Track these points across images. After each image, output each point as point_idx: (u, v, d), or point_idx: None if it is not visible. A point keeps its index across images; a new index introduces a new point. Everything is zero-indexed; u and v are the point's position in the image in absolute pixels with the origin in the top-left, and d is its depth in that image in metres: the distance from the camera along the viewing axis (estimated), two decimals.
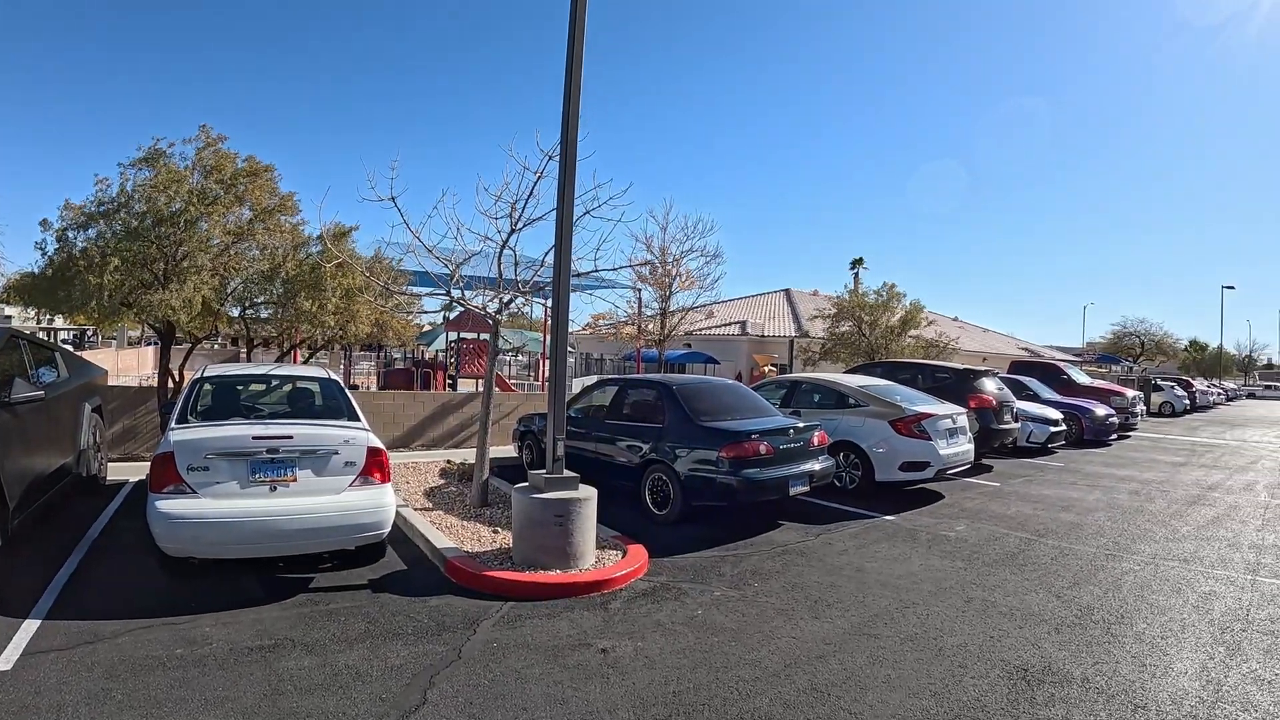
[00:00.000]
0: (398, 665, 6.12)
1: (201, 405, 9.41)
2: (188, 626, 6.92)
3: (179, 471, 7.79)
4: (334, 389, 10.24)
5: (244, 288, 17.42)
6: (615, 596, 7.95)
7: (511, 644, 6.59)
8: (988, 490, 15.03)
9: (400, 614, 7.26)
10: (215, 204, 15.65)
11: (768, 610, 7.66)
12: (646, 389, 12.74)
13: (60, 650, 6.46)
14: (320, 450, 8.28)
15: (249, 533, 7.67)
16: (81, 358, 14.22)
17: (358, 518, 8.12)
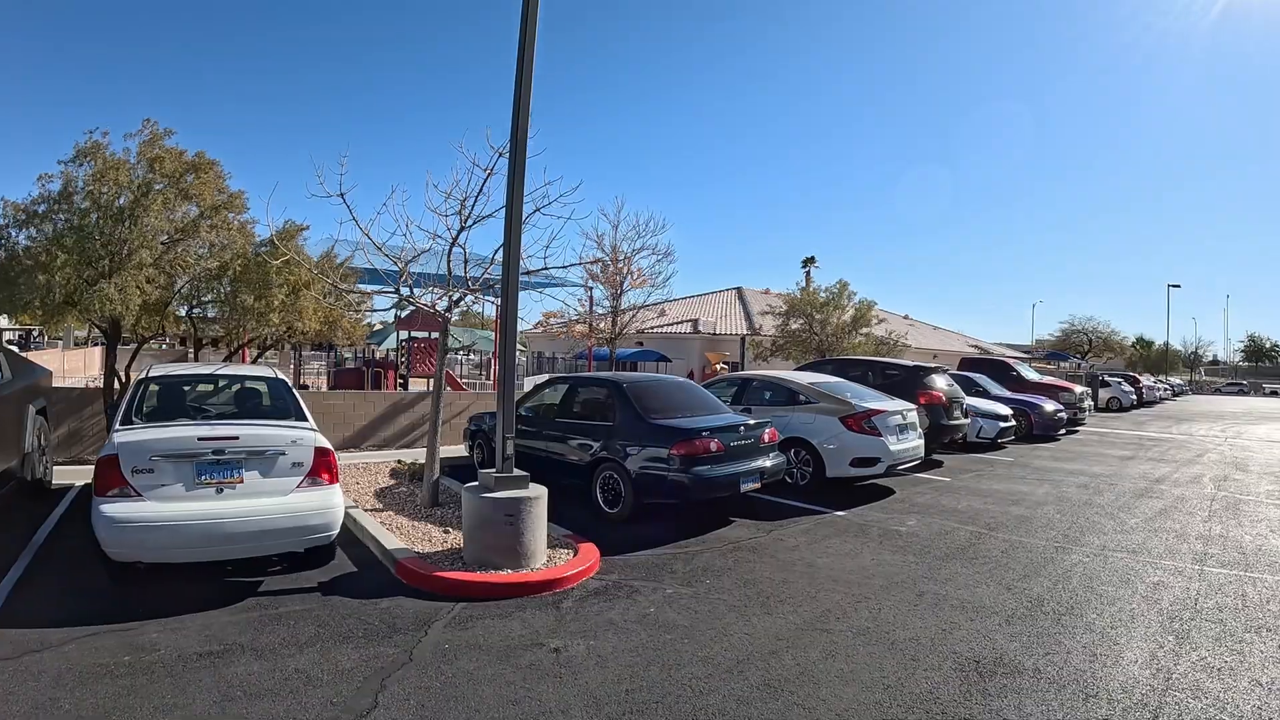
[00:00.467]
0: (348, 668, 6.09)
1: (147, 406, 9.25)
2: (135, 633, 6.83)
3: (123, 474, 7.67)
4: (281, 389, 10.12)
5: (191, 286, 17.22)
6: (567, 595, 7.95)
7: (463, 645, 6.57)
8: (938, 485, 15.19)
9: (351, 616, 7.21)
10: (159, 195, 15.41)
11: (720, 607, 7.69)
12: (597, 387, 12.75)
13: (5, 659, 6.34)
14: (267, 451, 8.19)
15: (195, 536, 7.57)
16: (25, 358, 13.96)
17: (306, 519, 8.05)
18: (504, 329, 9.43)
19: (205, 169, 16.44)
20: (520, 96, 9.04)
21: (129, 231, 15.10)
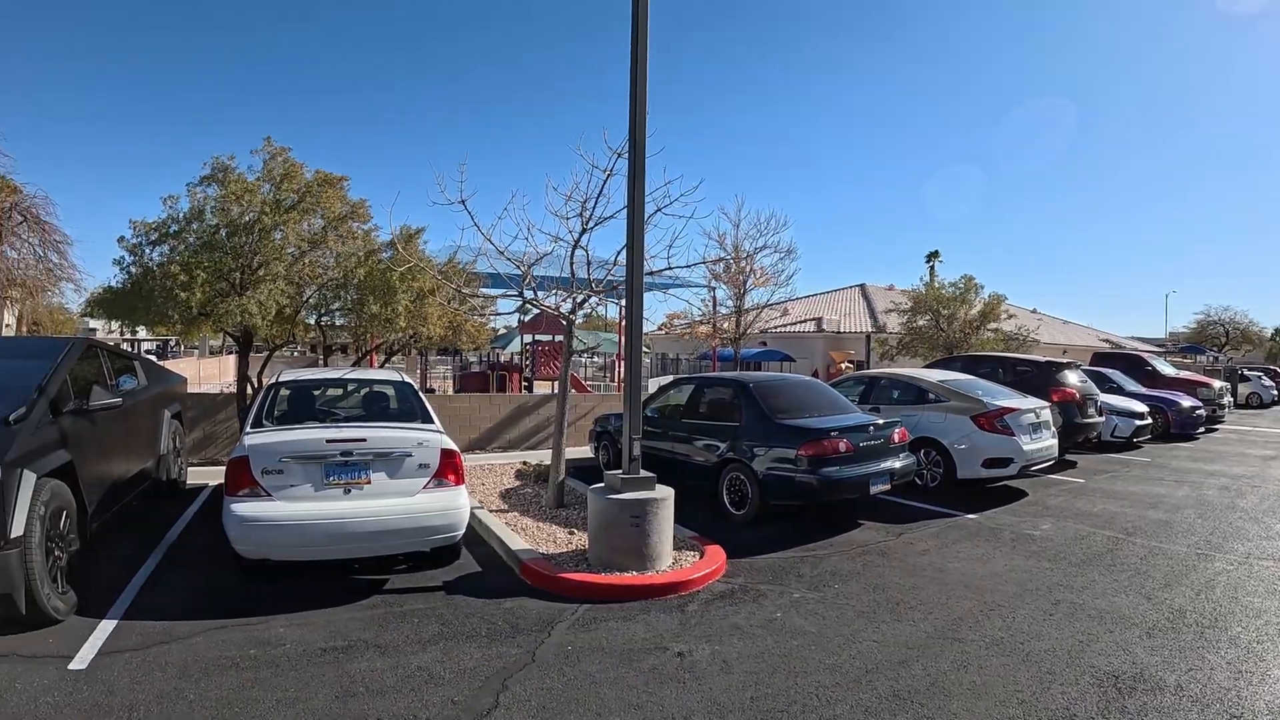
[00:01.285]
0: (471, 667, 6.04)
1: (277, 410, 9.46)
2: (261, 628, 6.94)
3: (254, 475, 7.82)
4: (408, 392, 10.22)
5: (319, 295, 17.64)
6: (692, 598, 7.78)
7: (586, 647, 6.47)
8: (1072, 487, 14.54)
9: (474, 616, 7.19)
10: (289, 213, 15.91)
11: (848, 613, 7.43)
12: (723, 387, 12.52)
13: (134, 650, 6.51)
14: (394, 453, 8.22)
15: (323, 535, 7.67)
16: (161, 366, 14.55)
17: (432, 520, 8.06)
18: (629, 330, 9.30)
19: (333, 183, 16.91)
20: (636, 94, 8.91)
21: (260, 245, 15.63)
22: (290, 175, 16.43)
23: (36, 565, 6.77)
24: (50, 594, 6.98)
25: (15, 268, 20.31)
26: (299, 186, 16.36)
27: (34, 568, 6.74)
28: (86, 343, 9.87)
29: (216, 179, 16.17)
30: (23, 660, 6.40)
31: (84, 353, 9.45)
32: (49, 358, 8.73)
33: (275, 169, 16.54)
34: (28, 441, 7.13)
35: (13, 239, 20.21)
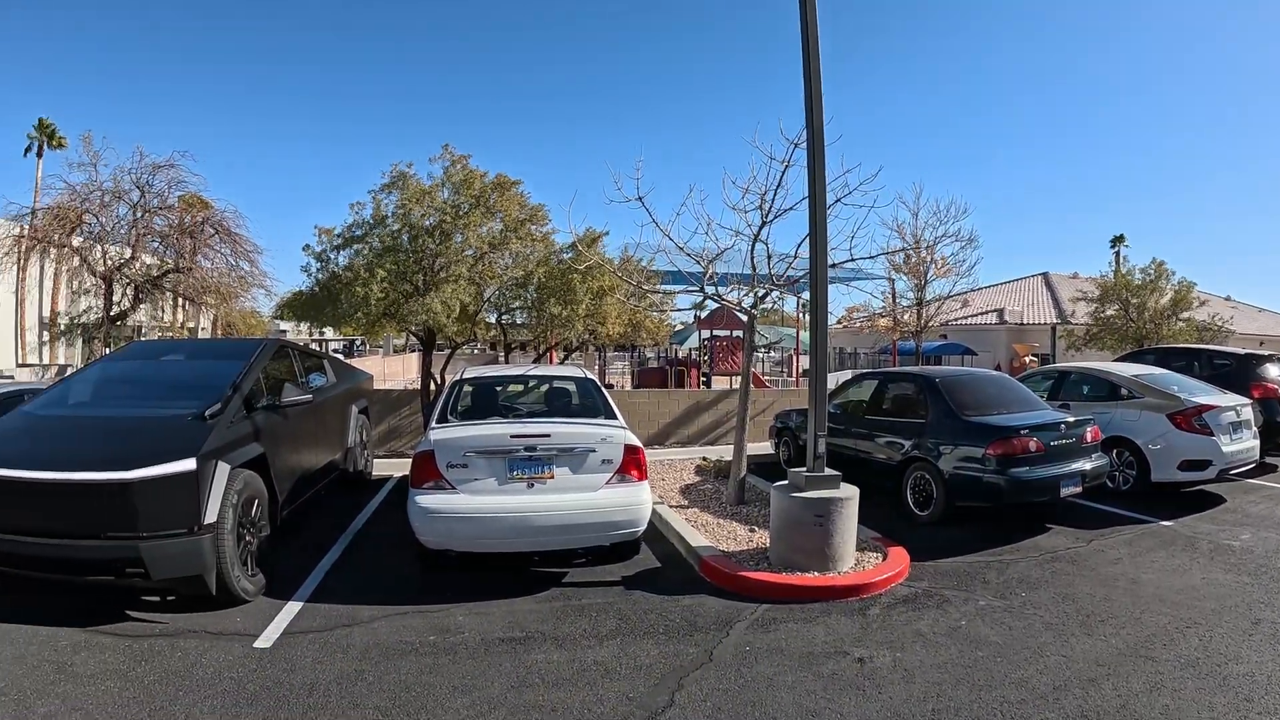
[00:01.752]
0: (647, 664, 5.97)
1: (461, 405, 9.62)
2: (441, 616, 7.08)
3: (439, 468, 7.98)
4: (590, 388, 10.21)
5: (499, 295, 18.05)
6: (874, 602, 7.48)
7: (764, 648, 6.29)
8: (1273, 493, 13.24)
9: (652, 612, 7.13)
10: (468, 217, 16.32)
11: (1035, 624, 6.98)
12: (908, 383, 12.09)
13: (318, 632, 6.77)
14: (577, 448, 8.21)
15: (505, 528, 7.75)
16: (349, 364, 15.29)
17: (613, 515, 8.04)
18: (814, 322, 9.06)
19: (508, 187, 17.21)
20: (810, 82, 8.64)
21: (441, 248, 16.09)
22: (468, 181, 16.85)
23: (228, 549, 7.17)
24: (240, 576, 7.38)
25: (209, 276, 21.38)
26: (477, 191, 16.78)
27: (225, 552, 7.14)
28: (278, 343, 10.48)
29: (397, 185, 16.75)
30: (210, 637, 6.73)
31: (276, 352, 10.02)
32: (243, 358, 9.29)
33: (454, 174, 17.02)
34: (222, 435, 7.59)
35: (206, 250, 21.32)
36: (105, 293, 20.62)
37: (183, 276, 20.98)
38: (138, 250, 20.53)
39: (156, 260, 21.74)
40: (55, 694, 5.80)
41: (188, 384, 9.01)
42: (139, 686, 5.86)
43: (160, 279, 21.20)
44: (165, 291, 22.16)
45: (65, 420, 8.35)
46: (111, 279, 20.45)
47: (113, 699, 5.69)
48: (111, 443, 7.41)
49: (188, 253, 20.71)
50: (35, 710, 5.58)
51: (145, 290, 21.22)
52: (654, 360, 38.70)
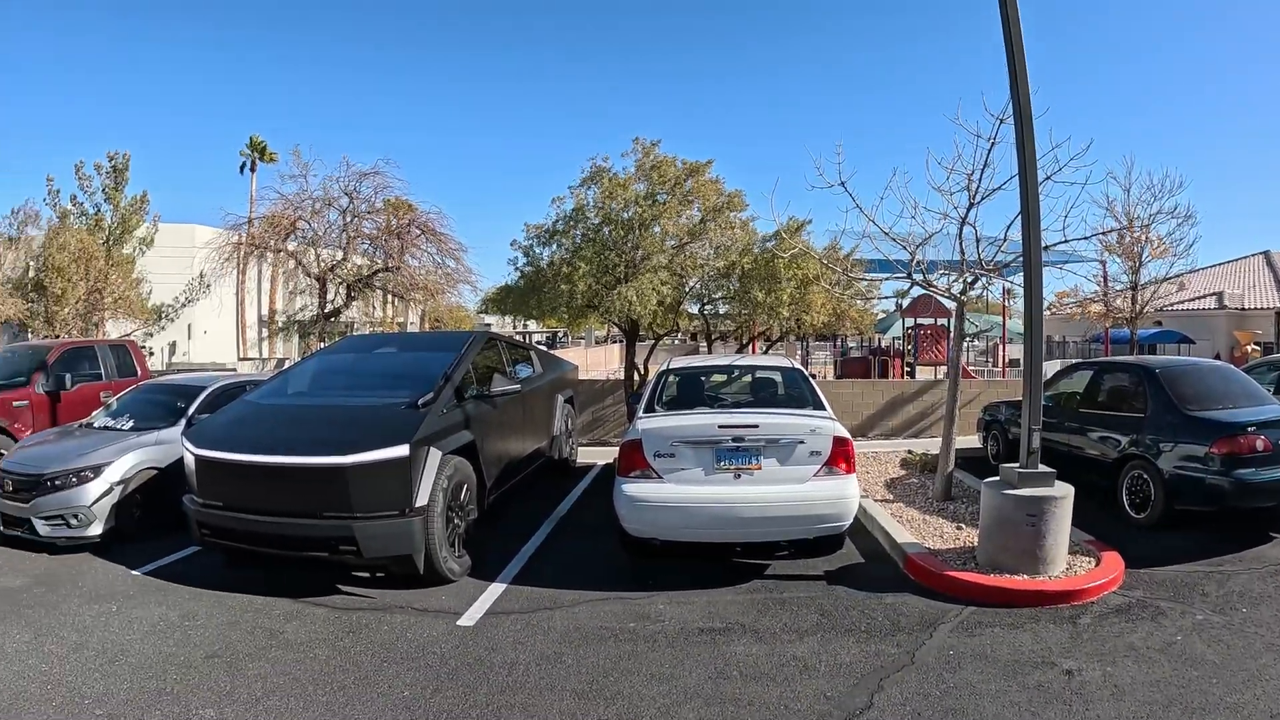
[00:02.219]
0: (847, 663, 5.86)
1: (667, 395, 9.69)
2: (642, 603, 7.19)
3: (646, 458, 8.07)
4: (797, 378, 10.11)
5: (701, 285, 18.19)
6: (1085, 610, 7.02)
7: (968, 653, 6.06)
8: None
9: (854, 609, 7.00)
10: (665, 205, 16.51)
11: (1256, 644, 6.35)
12: (1124, 373, 11.32)
13: (519, 613, 7.01)
14: (785, 439, 8.07)
15: (710, 518, 7.77)
16: (554, 355, 15.65)
17: (820, 508, 7.88)
18: (1028, 308, 8.55)
19: (700, 171, 17.28)
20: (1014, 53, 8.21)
21: (640, 239, 16.33)
22: (660, 168, 17.02)
23: (437, 532, 7.53)
24: (447, 557, 7.75)
25: (417, 274, 22.58)
26: (670, 177, 16.93)
27: (434, 534, 7.50)
28: (487, 335, 10.93)
29: (595, 179, 17.16)
30: (416, 613, 7.06)
31: (485, 344, 10.40)
32: (454, 349, 9.66)
33: (645, 164, 17.24)
34: (434, 423, 7.93)
35: (413, 249, 22.50)
36: (320, 292, 22.23)
37: (391, 275, 22.31)
38: (349, 252, 22.13)
39: (366, 260, 23.21)
40: (266, 658, 6.25)
41: (401, 374, 9.50)
42: (346, 656, 6.23)
43: (370, 278, 22.59)
44: (375, 289, 23.54)
45: (286, 409, 8.96)
46: (325, 279, 22.06)
47: (320, 666, 6.07)
48: (329, 430, 7.91)
49: (396, 252, 21.92)
50: (247, 671, 6.02)
51: (356, 289, 22.64)
52: (856, 350, 38.08)
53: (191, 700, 5.58)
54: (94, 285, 25.14)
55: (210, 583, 8.09)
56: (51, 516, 9.36)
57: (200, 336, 40.29)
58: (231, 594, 7.77)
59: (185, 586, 8.06)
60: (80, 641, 6.70)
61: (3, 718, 5.45)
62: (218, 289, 27.94)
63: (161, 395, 11.67)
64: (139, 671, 6.08)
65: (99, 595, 7.87)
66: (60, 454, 9.95)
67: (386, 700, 5.49)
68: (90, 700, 5.63)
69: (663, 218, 16.45)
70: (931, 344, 24.43)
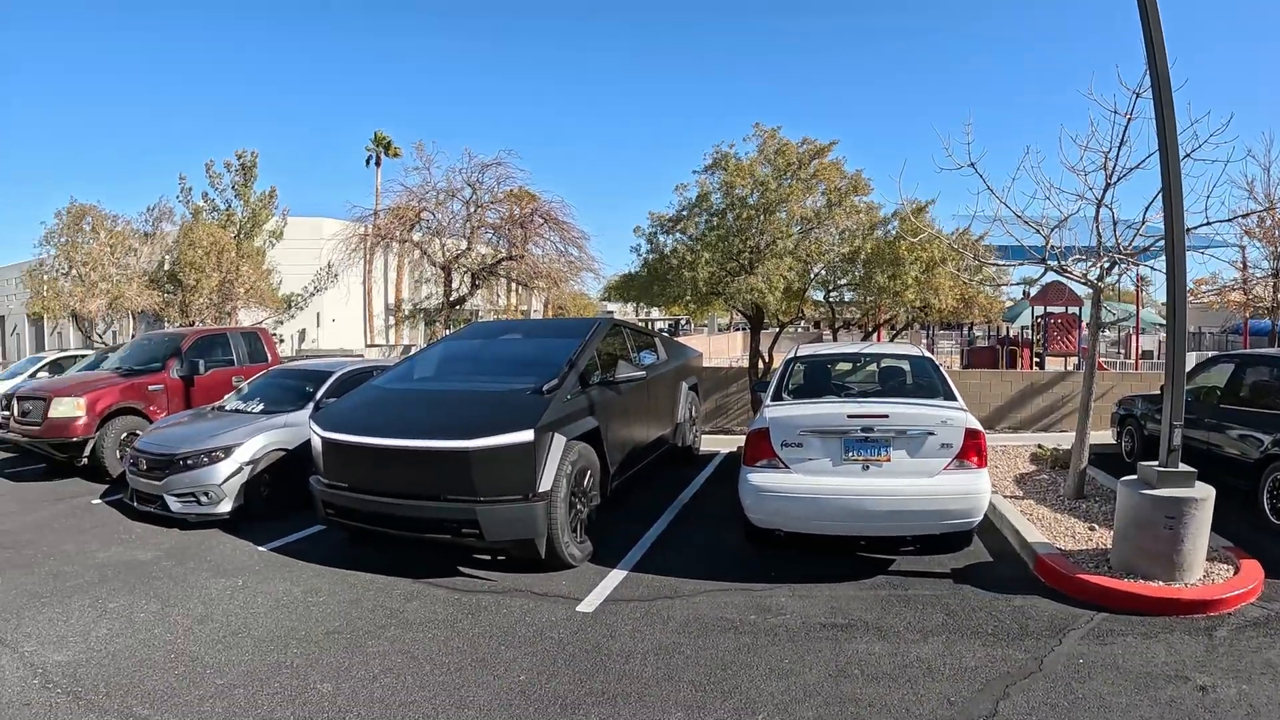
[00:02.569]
0: (972, 667, 5.64)
1: (794, 383, 9.59)
2: (764, 594, 7.07)
3: (773, 447, 7.93)
4: (927, 367, 9.79)
5: (826, 271, 17.95)
6: (1221, 622, 6.57)
7: (1098, 663, 5.75)
8: None
9: (981, 610, 6.74)
10: (789, 189, 16.29)
11: None
12: (1269, 367, 10.48)
13: (639, 601, 6.96)
14: (915, 430, 7.78)
15: (837, 510, 7.61)
16: (679, 342, 15.51)
17: (950, 503, 7.60)
18: (1171, 296, 7.95)
19: (823, 153, 17.02)
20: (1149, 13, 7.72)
21: (764, 225, 16.19)
22: (782, 152, 16.83)
23: (559, 517, 7.54)
24: (569, 542, 7.76)
25: (540, 262, 22.91)
26: (794, 160, 16.71)
27: (556, 519, 7.51)
28: (612, 322, 10.91)
29: (719, 165, 17.06)
30: (536, 597, 7.09)
31: (610, 331, 10.38)
32: (578, 336, 9.68)
33: (768, 148, 17.05)
34: (558, 409, 7.94)
35: (536, 238, 22.75)
36: (444, 280, 22.74)
37: (515, 263, 22.70)
38: (473, 241, 22.41)
39: (490, 249, 23.45)
40: (385, 636, 6.35)
41: (526, 360, 9.56)
42: (464, 638, 6.29)
43: (494, 266, 23.01)
44: (500, 277, 24.19)
45: (411, 393, 9.13)
46: (450, 268, 22.50)
47: (438, 646, 6.14)
48: (454, 414, 7.99)
49: (519, 241, 22.20)
50: (366, 649, 6.13)
51: (481, 277, 23.15)
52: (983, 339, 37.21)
53: (310, 674, 5.73)
54: (226, 276, 26.28)
55: (334, 561, 8.31)
56: (183, 494, 9.77)
57: (329, 324, 41.69)
58: (354, 572, 7.94)
59: (309, 564, 8.28)
60: (205, 614, 6.94)
61: (126, 685, 5.64)
62: (345, 278, 28.81)
63: (290, 380, 12.07)
64: (261, 644, 6.28)
65: (226, 570, 8.15)
66: (193, 435, 10.35)
67: (501, 683, 5.51)
68: (211, 670, 5.83)
69: (787, 202, 16.26)
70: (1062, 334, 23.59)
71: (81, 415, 12.89)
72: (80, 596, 7.44)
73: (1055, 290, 21.63)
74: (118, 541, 9.31)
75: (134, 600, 7.29)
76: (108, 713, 5.25)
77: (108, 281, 25.65)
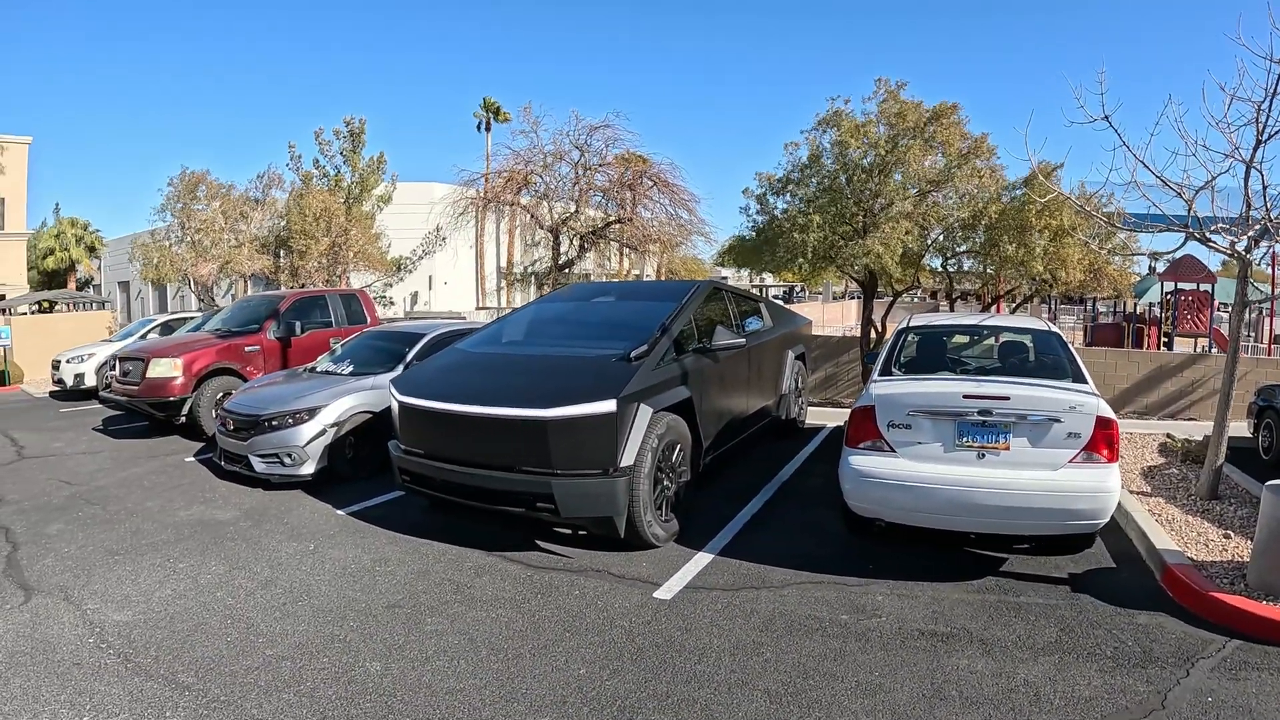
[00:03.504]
0: (1086, 697, 4.88)
1: (906, 357, 8.72)
2: (858, 591, 6.48)
3: (878, 427, 7.17)
4: (1054, 343, 8.61)
5: (945, 236, 17.07)
6: None
7: (1229, 703, 4.87)
8: None
9: (1099, 627, 5.91)
10: (907, 151, 15.40)
11: None
12: None
13: (722, 590, 6.43)
14: (1039, 416, 6.81)
15: (945, 502, 6.78)
16: (787, 309, 14.90)
17: (1074, 502, 6.61)
18: None
19: (946, 115, 16.01)
20: None
21: (880, 186, 15.41)
22: (903, 113, 15.91)
23: (642, 494, 7.02)
24: (652, 521, 7.23)
25: (650, 225, 22.68)
26: (912, 123, 15.81)
27: (639, 496, 6.99)
28: (712, 285, 10.25)
29: (832, 123, 16.27)
30: (612, 579, 6.66)
31: (709, 295, 9.76)
32: (674, 300, 9.06)
33: (889, 108, 16.16)
34: (646, 378, 7.40)
35: (646, 201, 22.57)
36: (553, 244, 22.70)
37: (625, 227, 22.44)
38: (581, 204, 22.23)
39: (599, 213, 23.36)
40: (447, 613, 6.06)
41: (617, 325, 9.06)
42: (528, 620, 5.93)
43: (603, 229, 22.80)
44: (609, 241, 23.95)
45: (494, 358, 8.69)
46: (558, 231, 22.44)
47: (500, 628, 5.81)
48: (534, 381, 7.58)
49: (628, 204, 22.08)
50: (424, 626, 5.85)
51: (590, 240, 22.96)
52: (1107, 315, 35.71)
53: (362, 651, 5.52)
54: (335, 241, 26.79)
55: (410, 528, 8.09)
56: (267, 455, 9.77)
57: (440, 287, 42.37)
58: (429, 541, 7.69)
59: (385, 530, 8.08)
60: (270, 578, 6.82)
61: (177, 649, 5.55)
62: (454, 241, 29.01)
63: (382, 342, 11.91)
64: (319, 614, 6.13)
65: (300, 533, 8.03)
66: (279, 396, 10.34)
67: (559, 676, 5.12)
68: (264, 639, 5.71)
69: (904, 163, 15.44)
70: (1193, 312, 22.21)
71: (178, 375, 13.22)
72: (153, 555, 7.43)
73: (1187, 264, 20.44)
74: (201, 500, 9.33)
75: (203, 561, 7.23)
76: (153, 678, 5.17)
77: (219, 247, 26.77)
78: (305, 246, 25.98)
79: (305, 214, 26.05)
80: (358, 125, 29.70)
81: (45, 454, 12.42)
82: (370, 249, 28.32)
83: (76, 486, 10.14)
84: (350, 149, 29.64)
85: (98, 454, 12.30)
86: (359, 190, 29.63)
